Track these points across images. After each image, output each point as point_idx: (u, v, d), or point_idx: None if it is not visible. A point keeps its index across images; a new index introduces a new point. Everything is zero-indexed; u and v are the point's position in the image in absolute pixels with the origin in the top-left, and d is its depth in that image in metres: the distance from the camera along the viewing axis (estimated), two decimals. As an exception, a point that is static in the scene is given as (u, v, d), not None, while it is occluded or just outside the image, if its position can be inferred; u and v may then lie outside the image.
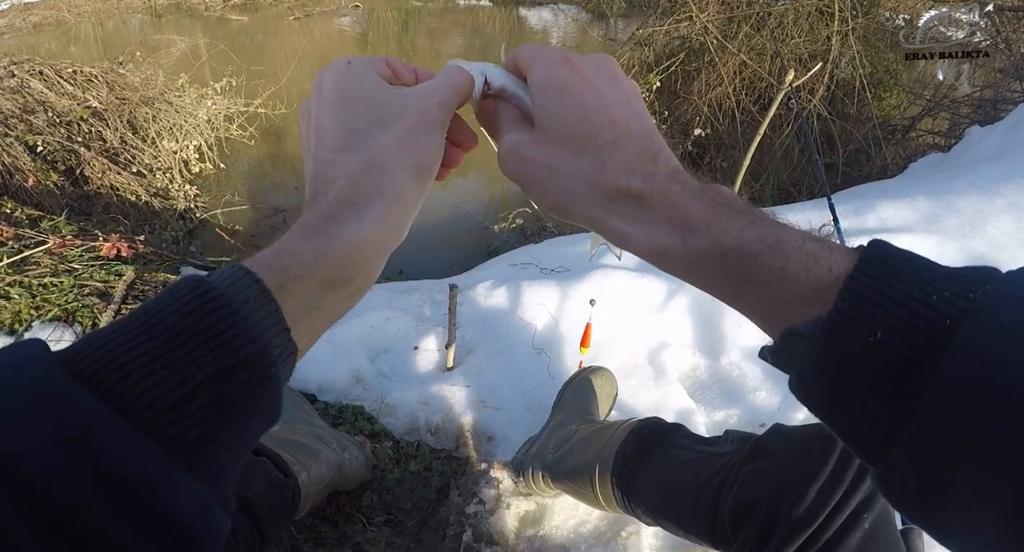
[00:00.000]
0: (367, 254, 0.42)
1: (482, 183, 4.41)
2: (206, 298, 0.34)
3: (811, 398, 0.36)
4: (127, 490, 0.30)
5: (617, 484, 1.08)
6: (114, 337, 0.33)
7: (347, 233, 0.41)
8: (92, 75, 4.11)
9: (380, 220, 0.42)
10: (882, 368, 0.32)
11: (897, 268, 0.34)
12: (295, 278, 0.38)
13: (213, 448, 0.33)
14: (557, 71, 0.45)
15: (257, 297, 0.36)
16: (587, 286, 1.79)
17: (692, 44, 4.79)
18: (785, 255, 0.37)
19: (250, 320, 0.35)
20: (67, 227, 2.43)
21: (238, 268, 0.37)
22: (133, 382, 0.31)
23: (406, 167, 0.44)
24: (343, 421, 1.47)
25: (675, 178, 0.42)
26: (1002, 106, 3.84)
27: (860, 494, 0.72)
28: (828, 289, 0.35)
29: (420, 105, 0.46)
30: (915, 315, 0.31)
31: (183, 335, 0.33)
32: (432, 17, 10.52)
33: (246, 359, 0.34)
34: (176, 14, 10.04)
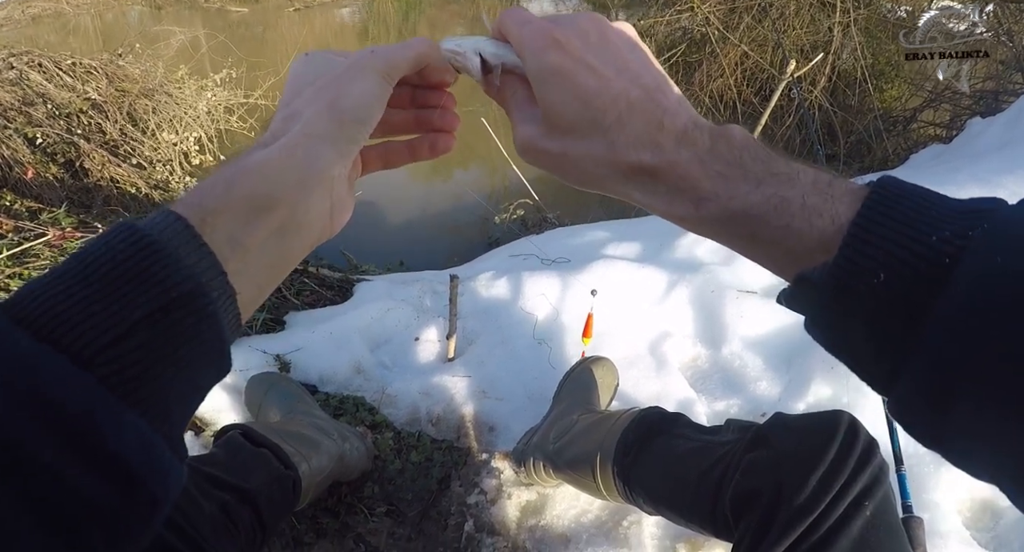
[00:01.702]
0: (272, 176, 0.41)
1: (483, 173, 4.40)
2: (139, 244, 0.35)
3: (824, 338, 0.39)
4: (70, 423, 0.30)
5: (618, 474, 1.08)
6: (51, 285, 0.33)
7: (251, 158, 0.42)
8: (91, 67, 4.10)
9: (284, 148, 0.42)
10: (885, 308, 0.34)
11: (899, 210, 0.35)
12: (211, 211, 0.39)
13: (155, 386, 0.34)
14: (548, 58, 0.44)
15: (188, 241, 0.37)
16: (588, 277, 1.79)
17: (693, 35, 4.78)
18: (789, 213, 0.39)
19: (182, 261, 0.35)
20: (67, 219, 2.42)
21: (168, 212, 0.38)
22: (72, 324, 0.32)
23: (321, 106, 0.45)
24: (344, 412, 1.47)
25: (683, 141, 0.42)
26: (1004, 98, 3.82)
27: (861, 482, 0.72)
28: (833, 238, 0.36)
29: (354, 55, 0.48)
30: (915, 256, 0.33)
31: (119, 279, 0.34)
32: (433, 8, 10.50)
33: (179, 297, 0.34)
34: (176, 5, 10.02)
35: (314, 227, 0.44)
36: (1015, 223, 0.33)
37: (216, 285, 0.37)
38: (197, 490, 0.84)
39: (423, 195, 4.05)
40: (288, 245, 0.43)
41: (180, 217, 0.37)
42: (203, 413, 1.43)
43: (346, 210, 0.48)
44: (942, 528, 1.22)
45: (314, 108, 0.45)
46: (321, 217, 0.45)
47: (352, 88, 0.46)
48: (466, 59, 0.50)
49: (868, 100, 4.25)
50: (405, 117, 0.54)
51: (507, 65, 0.49)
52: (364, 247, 3.08)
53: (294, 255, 0.44)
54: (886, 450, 0.60)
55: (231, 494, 0.91)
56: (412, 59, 0.49)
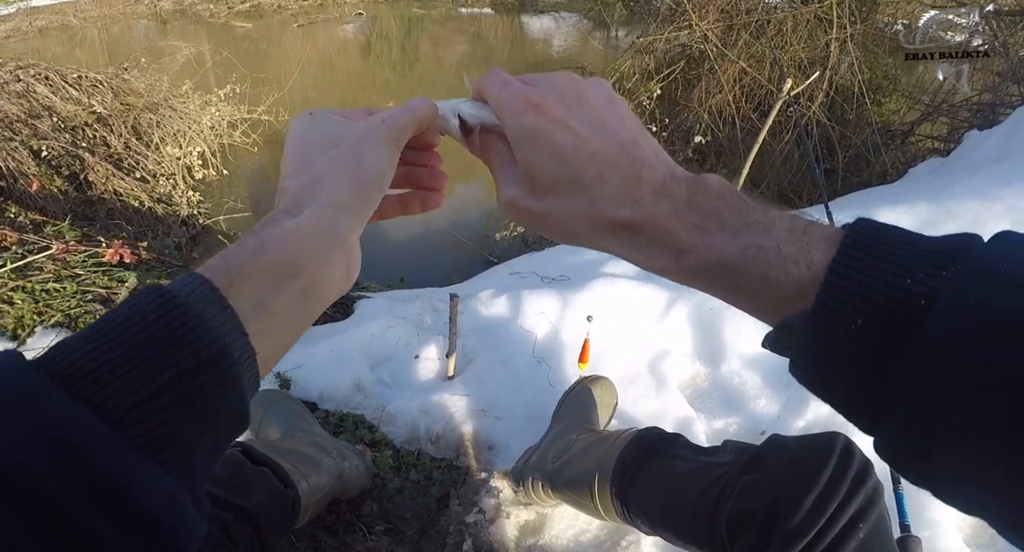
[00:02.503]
0: (300, 246, 0.43)
1: (484, 190, 4.42)
2: (167, 306, 0.36)
3: (807, 380, 0.40)
4: (102, 481, 0.32)
5: (616, 494, 1.08)
6: (83, 345, 0.35)
7: (279, 229, 0.43)
8: (97, 80, 4.13)
9: (311, 217, 0.44)
10: (864, 352, 0.35)
11: (873, 254, 0.36)
12: (239, 276, 0.40)
13: (182, 445, 0.36)
14: (525, 120, 0.46)
15: (214, 303, 0.38)
16: (588, 295, 1.80)
17: (692, 52, 4.81)
18: (766, 263, 0.40)
19: (209, 324, 0.37)
20: (70, 232, 2.44)
21: (194, 276, 0.39)
22: (103, 384, 0.33)
23: (342, 174, 0.47)
24: (344, 430, 1.48)
25: (661, 194, 0.43)
26: (1000, 110, 3.84)
27: (856, 504, 0.73)
28: (810, 286, 0.38)
29: (366, 124, 0.50)
30: (890, 300, 0.34)
31: (147, 340, 0.35)
32: (435, 25, 10.56)
33: (206, 360, 0.36)
34: (181, 20, 10.09)
35: (333, 288, 0.47)
36: (987, 261, 0.33)
37: (238, 346, 0.39)
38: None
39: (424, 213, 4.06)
40: (309, 307, 0.45)
41: (206, 280, 0.39)
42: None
43: (358, 265, 0.51)
44: (942, 546, 1.22)
45: (337, 177, 0.47)
46: (340, 278, 0.47)
47: (370, 158, 0.48)
48: (446, 121, 0.52)
49: (866, 114, 4.27)
50: (398, 173, 0.56)
51: (487, 125, 0.51)
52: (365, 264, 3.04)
53: (313, 315, 0.46)
54: (883, 469, 0.61)
55: (230, 512, 0.92)
56: (416, 123, 0.51)
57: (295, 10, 10.66)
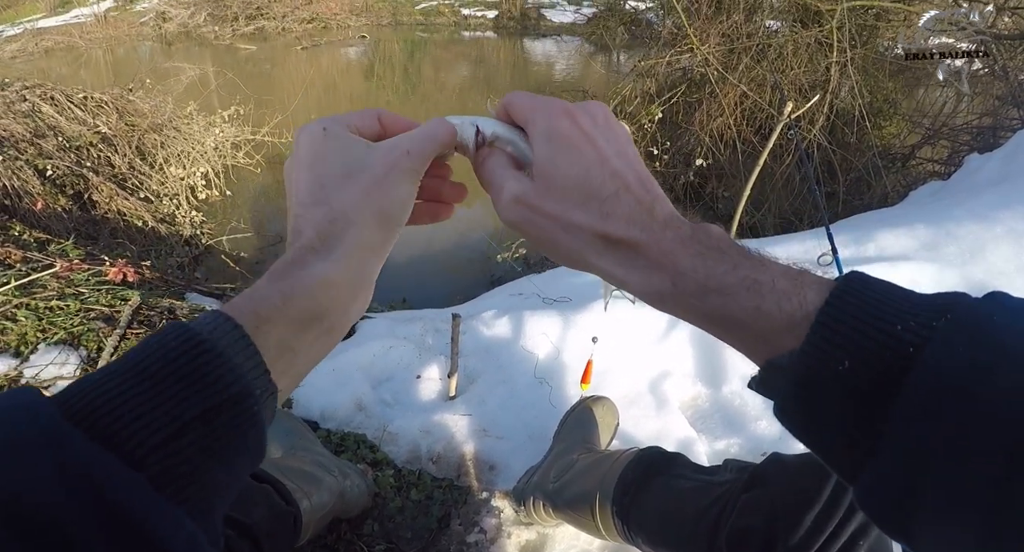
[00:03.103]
0: (331, 293, 0.44)
1: (485, 212, 4.44)
2: (191, 343, 0.36)
3: (792, 423, 0.39)
4: (121, 523, 0.31)
5: (618, 513, 1.08)
6: (105, 381, 0.35)
7: (309, 274, 0.43)
8: (102, 101, 4.17)
9: (342, 262, 0.45)
10: (851, 395, 0.35)
11: (866, 300, 0.36)
12: (266, 320, 0.41)
13: (203, 485, 0.35)
14: (559, 123, 0.47)
15: (237, 341, 0.38)
16: (589, 316, 1.80)
17: (693, 75, 4.85)
18: (760, 294, 0.40)
19: (232, 362, 0.37)
20: (74, 251, 2.45)
21: (218, 314, 0.40)
22: (125, 423, 0.33)
23: (370, 216, 0.47)
24: (345, 449, 1.48)
25: (669, 226, 0.45)
26: (1001, 133, 3.87)
27: (855, 522, 0.73)
28: (801, 323, 0.38)
29: (389, 157, 0.49)
30: (880, 345, 0.34)
31: (170, 378, 0.35)
32: (438, 48, 10.66)
33: (230, 399, 0.36)
34: (186, 42, 10.20)
35: (352, 321, 0.47)
36: (977, 315, 0.34)
37: (259, 383, 0.39)
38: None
39: (426, 233, 4.08)
40: (331, 342, 0.46)
41: (230, 319, 0.39)
42: (205, 448, 1.43)
43: (371, 293, 0.50)
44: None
45: (364, 218, 0.46)
46: (359, 311, 0.48)
47: (396, 195, 0.48)
48: (463, 130, 0.52)
49: (867, 138, 4.30)
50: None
51: (501, 139, 0.52)
52: (367, 283, 3.10)
53: (331, 348, 0.47)
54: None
55: (231, 529, 0.91)
56: (438, 149, 0.51)
57: (299, 33, 10.79)
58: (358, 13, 11.82)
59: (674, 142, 4.74)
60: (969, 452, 0.31)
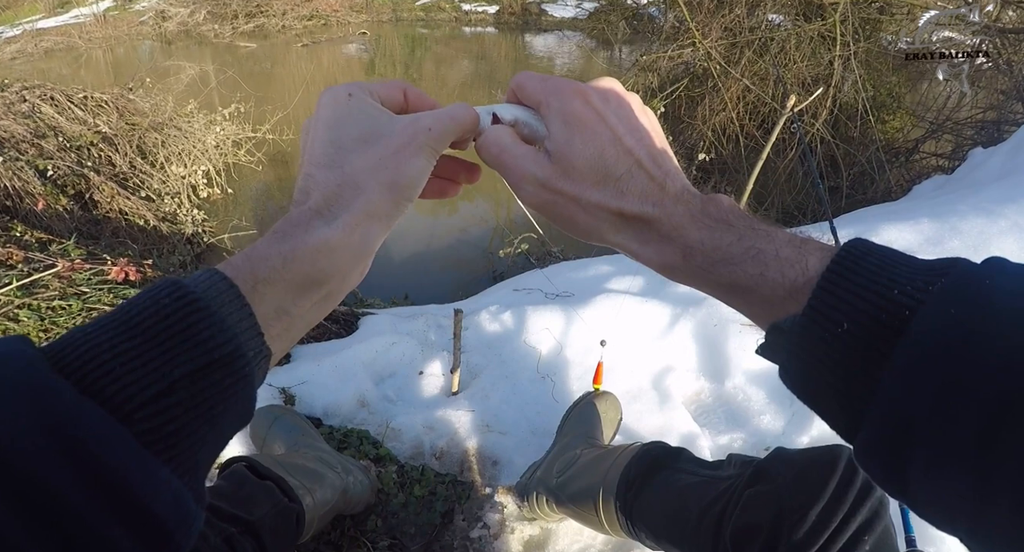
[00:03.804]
0: (332, 258, 0.43)
1: (488, 208, 4.44)
2: (184, 300, 0.36)
3: (793, 384, 0.41)
4: (107, 478, 0.31)
5: (621, 508, 1.08)
6: (96, 334, 0.34)
7: (312, 237, 0.43)
8: (102, 100, 4.16)
9: (346, 228, 0.44)
10: (848, 356, 0.36)
11: (865, 265, 0.37)
12: (264, 281, 0.40)
13: (189, 442, 0.35)
14: (573, 105, 0.48)
15: (232, 301, 0.38)
16: (592, 311, 1.80)
17: (695, 70, 4.83)
18: (764, 263, 0.42)
19: (225, 322, 0.37)
20: (76, 251, 2.45)
21: (214, 272, 0.39)
22: (114, 377, 0.33)
23: (380, 185, 0.46)
24: (348, 445, 1.47)
25: (680, 200, 0.47)
26: (1005, 127, 3.85)
27: (860, 517, 0.72)
28: (803, 288, 0.40)
29: (409, 129, 0.48)
30: (877, 308, 0.35)
31: (162, 334, 0.35)
32: (439, 44, 10.65)
33: (221, 358, 0.36)
34: (186, 41, 10.19)
35: (349, 288, 0.47)
36: (972, 278, 0.35)
37: (253, 345, 0.38)
38: (203, 522, 0.84)
39: (428, 229, 4.08)
40: (327, 308, 0.46)
41: (226, 278, 0.39)
42: (208, 446, 1.43)
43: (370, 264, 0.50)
44: (947, 562, 1.21)
45: (375, 188, 0.46)
46: (357, 279, 0.48)
47: (410, 168, 0.47)
48: (483, 118, 0.53)
49: (870, 132, 4.28)
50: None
51: (520, 122, 0.52)
52: (369, 281, 3.09)
53: (326, 313, 0.47)
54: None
55: (235, 525, 0.91)
56: (460, 133, 0.51)
57: (299, 30, 10.78)
58: (358, 10, 11.81)
59: (677, 137, 4.73)
60: (955, 408, 0.31)
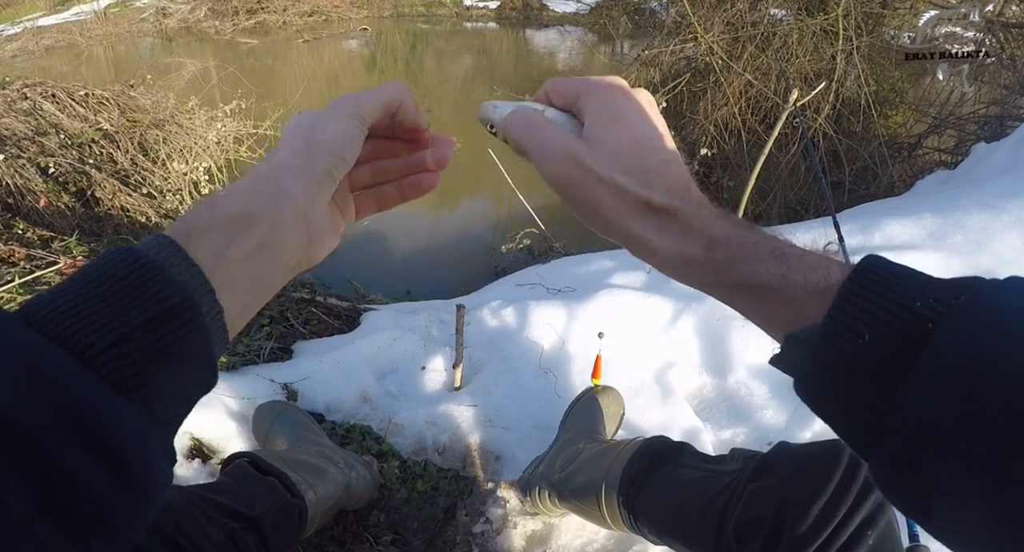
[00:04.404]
0: (249, 197, 0.46)
1: (490, 203, 4.43)
2: (137, 262, 0.39)
3: (810, 397, 0.40)
4: (73, 412, 0.34)
5: (623, 503, 1.08)
6: (59, 296, 0.38)
7: (231, 186, 0.48)
8: (103, 98, 4.16)
9: (261, 175, 0.48)
10: (870, 367, 0.35)
11: (888, 277, 0.37)
12: (196, 229, 0.43)
13: (150, 388, 0.38)
14: (615, 96, 0.51)
15: (180, 262, 0.41)
16: (594, 306, 1.80)
17: (697, 64, 4.82)
18: (787, 264, 0.42)
19: (175, 278, 0.40)
20: (78, 248, 2.45)
21: (159, 237, 0.42)
22: (78, 328, 0.36)
23: (298, 141, 0.50)
24: (351, 441, 1.48)
25: (703, 205, 0.48)
26: (1008, 122, 3.84)
27: (864, 511, 0.72)
28: (824, 293, 0.39)
29: (338, 101, 0.53)
30: (900, 319, 0.35)
31: (117, 290, 0.38)
32: (440, 39, 10.63)
33: (172, 308, 0.39)
34: (186, 37, 10.18)
35: (291, 250, 0.48)
36: (994, 294, 0.34)
37: (205, 302, 0.41)
38: (203, 517, 0.84)
39: (430, 225, 4.08)
40: (269, 261, 0.46)
41: (170, 239, 0.42)
42: (210, 441, 1.43)
43: (325, 243, 0.52)
44: (951, 558, 1.21)
45: (290, 145, 0.50)
46: (297, 241, 0.48)
47: (326, 126, 0.51)
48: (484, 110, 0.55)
49: (872, 127, 4.27)
50: (398, 164, 0.59)
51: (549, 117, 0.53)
52: (371, 276, 3.10)
53: (275, 275, 0.48)
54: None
55: (237, 521, 0.91)
56: (384, 103, 0.54)
57: (300, 26, 10.76)
58: (359, 5, 11.78)
59: (679, 132, 4.72)
60: (977, 428, 0.31)
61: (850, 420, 0.38)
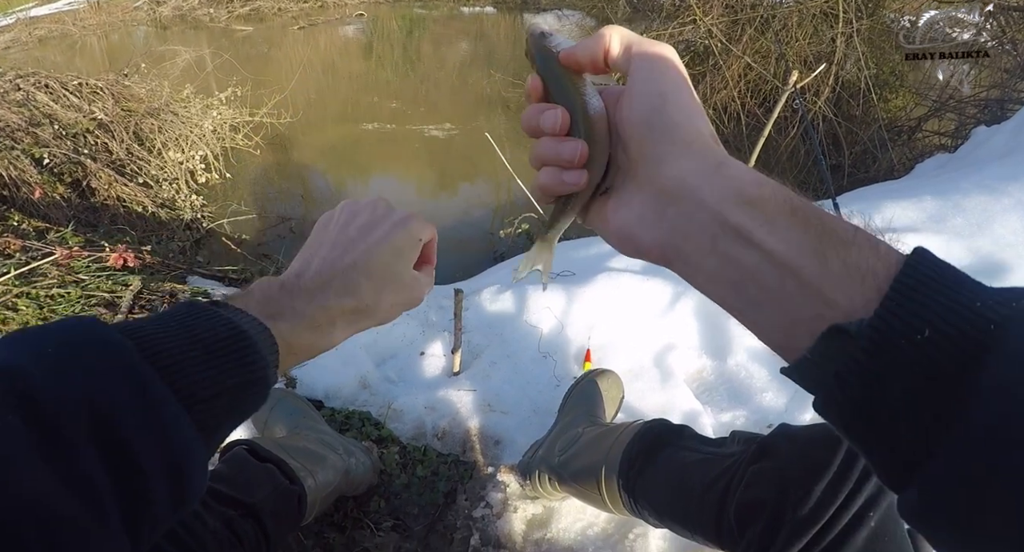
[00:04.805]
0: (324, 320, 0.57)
1: (488, 189, 4.41)
2: (237, 331, 0.47)
3: (849, 401, 0.34)
4: (171, 449, 0.41)
5: (624, 486, 1.07)
6: (169, 339, 0.44)
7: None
8: (97, 87, 4.13)
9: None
10: (928, 369, 0.31)
11: (942, 273, 0.33)
12: (279, 315, 0.54)
13: (221, 432, 0.46)
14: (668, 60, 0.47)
15: (267, 339, 0.50)
16: (593, 290, 1.79)
17: (696, 48, 4.80)
18: (856, 226, 0.37)
19: (262, 353, 0.48)
20: (74, 239, 2.44)
21: (252, 319, 0.51)
22: (186, 375, 0.43)
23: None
24: (350, 427, 1.47)
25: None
26: (1008, 106, 3.83)
27: (865, 493, 0.71)
28: (884, 272, 0.34)
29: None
30: (961, 318, 0.31)
31: (221, 353, 0.46)
32: (437, 25, 10.56)
33: (257, 379, 0.47)
34: (181, 25, 10.11)
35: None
36: None
37: (273, 372, 0.50)
38: (201, 505, 0.84)
39: (428, 211, 4.06)
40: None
41: (265, 327, 0.51)
42: (209, 429, 1.43)
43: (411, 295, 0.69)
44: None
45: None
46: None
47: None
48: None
49: (872, 110, 4.25)
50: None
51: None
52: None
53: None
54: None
55: (235, 508, 0.91)
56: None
57: (295, 12, 10.67)
58: (355, -8, 11.71)
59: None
60: None
61: (894, 432, 0.33)
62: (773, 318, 0.39)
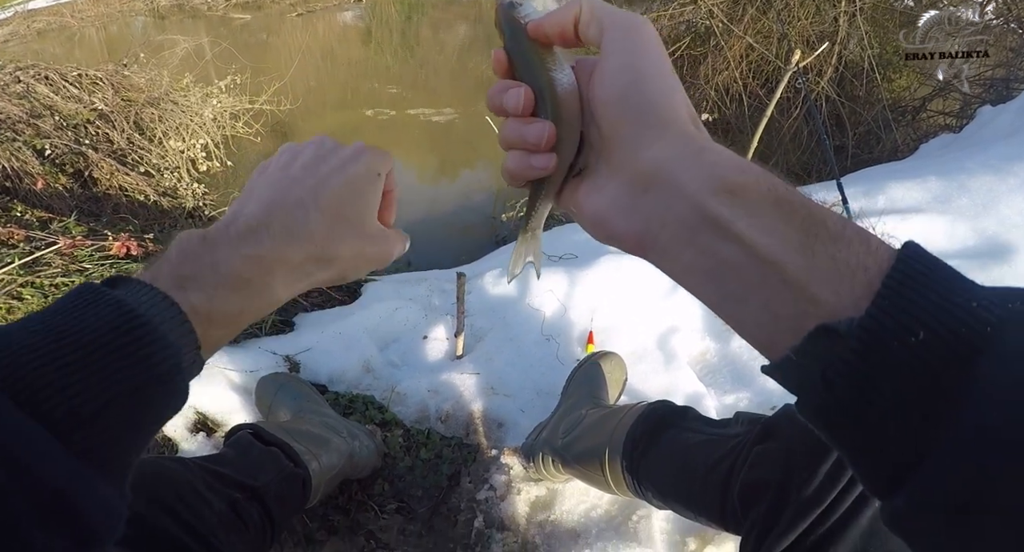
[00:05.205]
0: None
1: (490, 173, 4.40)
2: (127, 317, 0.37)
3: (836, 402, 0.32)
4: (42, 490, 0.32)
5: (627, 467, 1.07)
6: (35, 342, 0.35)
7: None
8: (97, 78, 4.12)
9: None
10: (919, 370, 0.30)
11: (934, 269, 0.32)
12: (191, 279, 0.43)
13: (124, 453, 0.37)
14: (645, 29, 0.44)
15: (173, 318, 0.39)
16: (595, 272, 1.78)
17: (697, 28, 4.76)
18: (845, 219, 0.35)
19: (166, 339, 0.38)
20: (77, 228, 2.44)
21: (154, 294, 0.40)
22: (55, 391, 0.33)
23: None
24: (354, 411, 1.48)
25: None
26: (1014, 85, 3.79)
27: (870, 474, 0.71)
28: (877, 265, 0.33)
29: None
30: (956, 320, 0.30)
31: (102, 350, 0.35)
32: (435, 9, 10.49)
33: (159, 376, 0.37)
34: (179, 15, 10.06)
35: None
36: None
37: (188, 360, 0.40)
38: (206, 488, 0.84)
39: (430, 195, 4.06)
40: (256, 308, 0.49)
41: (167, 297, 0.40)
42: (214, 415, 1.43)
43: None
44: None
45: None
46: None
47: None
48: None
49: (876, 90, 4.22)
50: None
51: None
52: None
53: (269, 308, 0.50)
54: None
55: (240, 492, 0.91)
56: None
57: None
58: (354, -22, 11.63)
59: (679, 98, 4.66)
60: None
61: (885, 431, 0.31)
62: (755, 315, 0.37)
